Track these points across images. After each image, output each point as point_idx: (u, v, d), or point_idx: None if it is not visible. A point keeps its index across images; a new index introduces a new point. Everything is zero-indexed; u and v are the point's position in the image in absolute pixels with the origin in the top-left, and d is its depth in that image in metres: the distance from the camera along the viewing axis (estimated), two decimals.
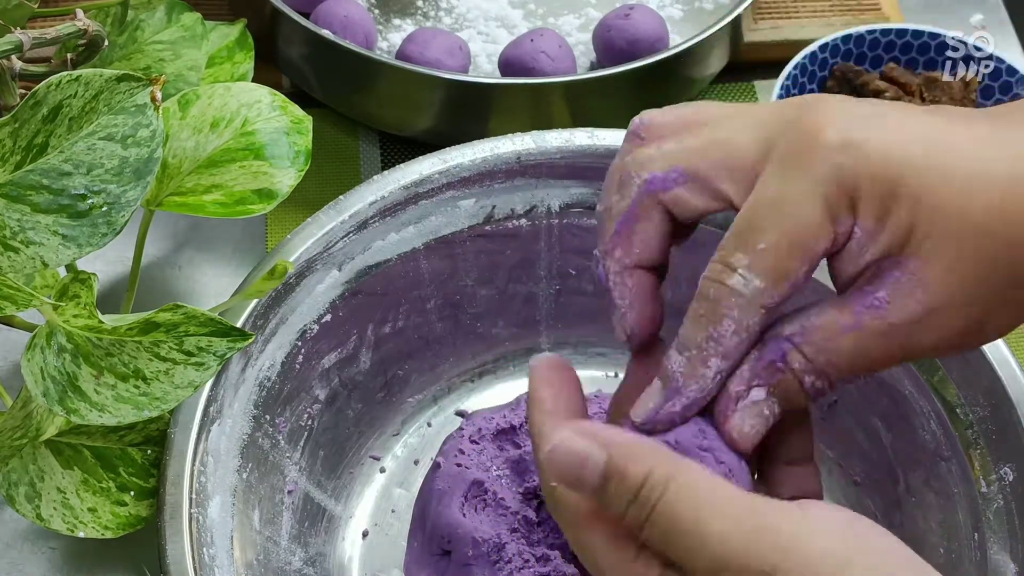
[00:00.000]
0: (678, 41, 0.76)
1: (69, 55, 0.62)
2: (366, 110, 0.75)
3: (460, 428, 0.59)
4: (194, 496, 0.53)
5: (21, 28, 0.58)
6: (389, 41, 0.78)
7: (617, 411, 0.45)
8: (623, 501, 0.38)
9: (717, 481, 0.38)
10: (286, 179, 0.60)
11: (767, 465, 0.44)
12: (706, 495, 0.37)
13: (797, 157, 0.39)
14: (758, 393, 0.41)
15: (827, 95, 0.43)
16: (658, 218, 0.42)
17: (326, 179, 0.73)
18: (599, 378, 0.66)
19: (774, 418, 0.41)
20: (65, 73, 0.53)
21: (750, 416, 0.41)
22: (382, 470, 0.63)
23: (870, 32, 0.77)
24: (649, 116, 0.43)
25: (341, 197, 0.61)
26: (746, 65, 0.81)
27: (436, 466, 0.58)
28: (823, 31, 0.79)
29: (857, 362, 0.40)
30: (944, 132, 0.40)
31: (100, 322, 0.51)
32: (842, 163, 0.38)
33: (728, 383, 0.41)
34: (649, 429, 0.42)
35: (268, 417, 0.58)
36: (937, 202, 0.38)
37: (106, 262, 0.68)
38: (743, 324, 0.40)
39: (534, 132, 0.63)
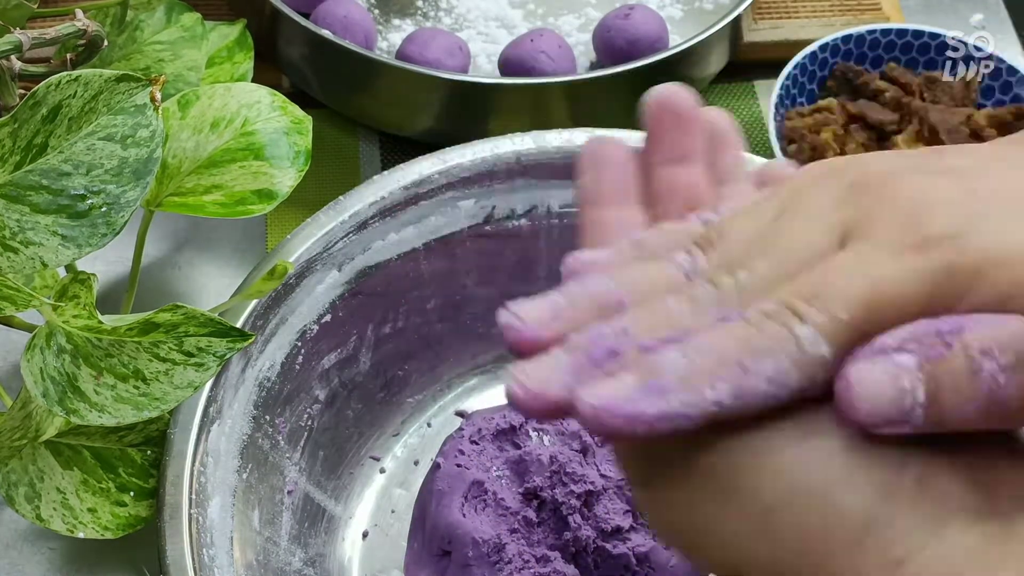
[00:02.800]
0: (678, 41, 0.76)
1: (68, 55, 0.61)
2: (366, 110, 0.75)
3: (460, 428, 0.59)
4: (194, 496, 0.53)
5: (21, 28, 0.58)
6: (389, 41, 0.78)
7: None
8: None
9: None
10: (286, 179, 0.60)
11: None
12: None
13: (897, 240, 0.33)
14: (906, 359, 0.31)
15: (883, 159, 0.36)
16: None
17: (326, 179, 0.73)
18: None
19: (916, 410, 0.31)
20: (65, 73, 0.52)
21: (884, 374, 0.31)
22: (382, 470, 0.63)
23: (870, 32, 0.77)
24: None
25: (341, 197, 0.61)
26: (746, 65, 0.81)
27: (436, 466, 0.58)
28: (823, 31, 0.79)
29: None
30: None
31: (100, 322, 0.51)
32: (952, 260, 0.32)
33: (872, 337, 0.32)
34: (603, 415, 0.32)
35: (268, 417, 0.58)
36: None
37: (106, 262, 0.68)
38: (782, 377, 0.32)
39: (534, 132, 0.63)
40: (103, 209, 0.52)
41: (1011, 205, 0.33)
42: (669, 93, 0.39)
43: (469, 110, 0.72)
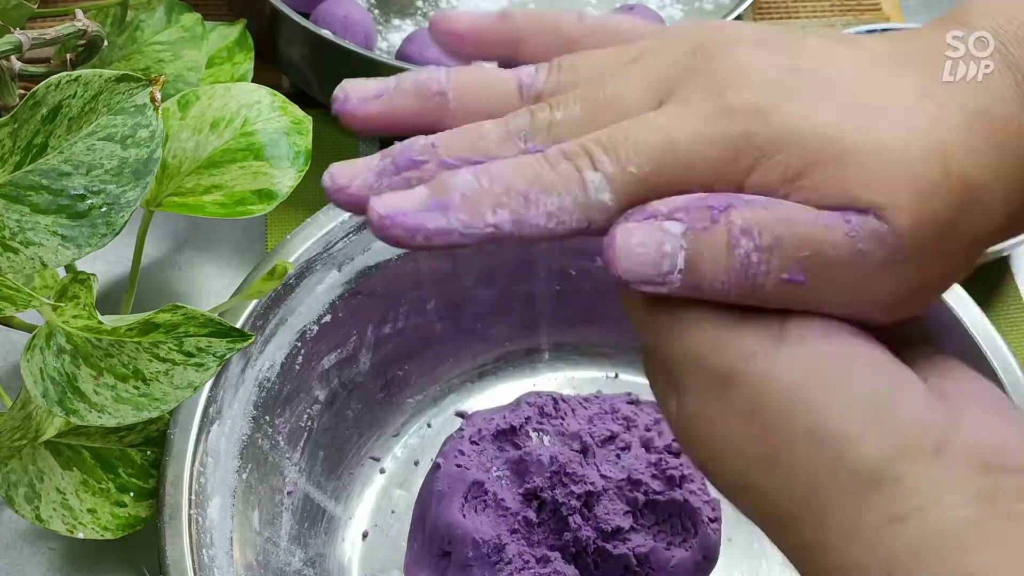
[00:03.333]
0: None
1: (68, 55, 0.61)
2: None
3: (460, 429, 0.59)
4: (193, 497, 0.53)
5: (20, 28, 0.58)
6: (389, 41, 0.78)
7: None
8: None
9: None
10: (286, 180, 0.60)
11: None
12: None
13: (702, 105, 0.34)
14: (673, 226, 0.33)
15: (725, 27, 0.37)
16: None
17: None
18: (599, 378, 0.66)
19: (670, 275, 0.33)
20: (64, 73, 0.52)
21: (646, 236, 0.33)
22: (382, 471, 0.63)
23: (870, 32, 0.77)
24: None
25: None
26: None
27: (436, 467, 0.58)
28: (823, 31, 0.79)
29: (812, 268, 0.33)
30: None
31: (99, 323, 0.51)
32: (748, 130, 0.33)
33: (648, 202, 0.33)
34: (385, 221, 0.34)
35: (268, 418, 0.58)
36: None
37: (106, 262, 0.68)
38: (563, 215, 0.34)
39: None
40: (103, 209, 0.52)
41: (827, 87, 0.35)
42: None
43: None
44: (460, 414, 0.65)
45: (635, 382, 0.65)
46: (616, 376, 0.66)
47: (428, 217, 0.33)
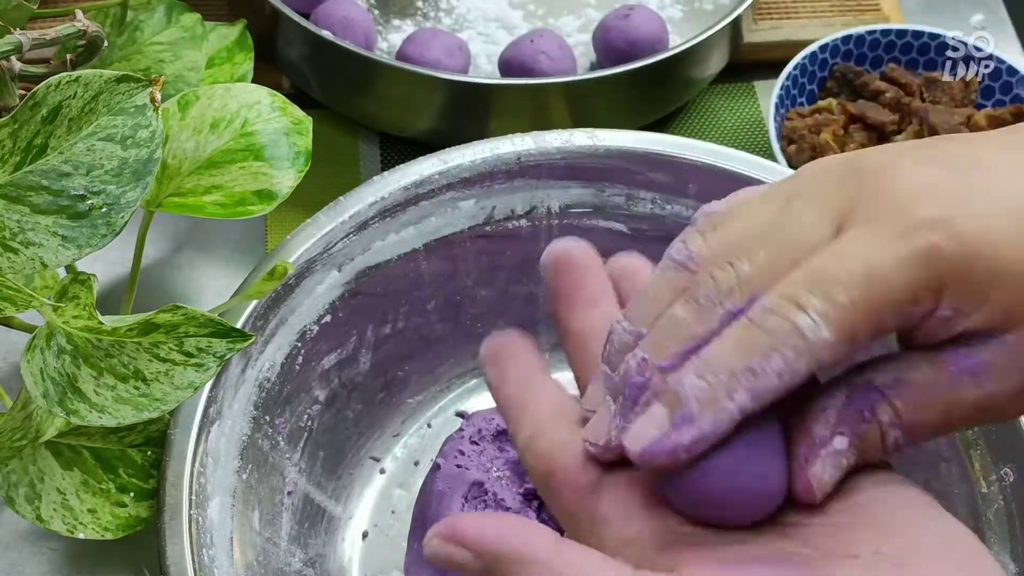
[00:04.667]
0: (678, 42, 0.76)
1: (68, 56, 0.61)
2: (366, 111, 0.75)
3: (460, 429, 0.59)
4: (194, 497, 0.53)
5: (21, 29, 0.58)
6: (389, 42, 0.78)
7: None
8: None
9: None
10: (286, 180, 0.60)
11: None
12: None
13: (887, 226, 0.35)
14: (840, 442, 0.36)
15: (886, 149, 0.38)
16: None
17: (326, 180, 0.73)
18: None
19: (847, 469, 0.36)
20: (65, 74, 0.52)
21: (830, 466, 0.36)
22: (382, 471, 0.63)
23: (870, 32, 0.77)
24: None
25: (341, 198, 0.61)
26: (746, 65, 0.81)
27: (436, 467, 0.58)
28: (823, 31, 0.79)
29: (942, 426, 0.37)
30: None
31: (100, 323, 0.51)
32: (936, 244, 0.34)
33: (811, 425, 0.36)
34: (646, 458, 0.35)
35: (268, 418, 0.58)
36: None
37: (106, 263, 0.68)
38: (791, 369, 0.34)
39: (534, 133, 0.63)
40: (103, 210, 0.52)
41: (997, 191, 0.35)
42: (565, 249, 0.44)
43: (469, 110, 0.72)
44: (460, 414, 0.65)
45: None
46: None
47: (680, 434, 0.34)
